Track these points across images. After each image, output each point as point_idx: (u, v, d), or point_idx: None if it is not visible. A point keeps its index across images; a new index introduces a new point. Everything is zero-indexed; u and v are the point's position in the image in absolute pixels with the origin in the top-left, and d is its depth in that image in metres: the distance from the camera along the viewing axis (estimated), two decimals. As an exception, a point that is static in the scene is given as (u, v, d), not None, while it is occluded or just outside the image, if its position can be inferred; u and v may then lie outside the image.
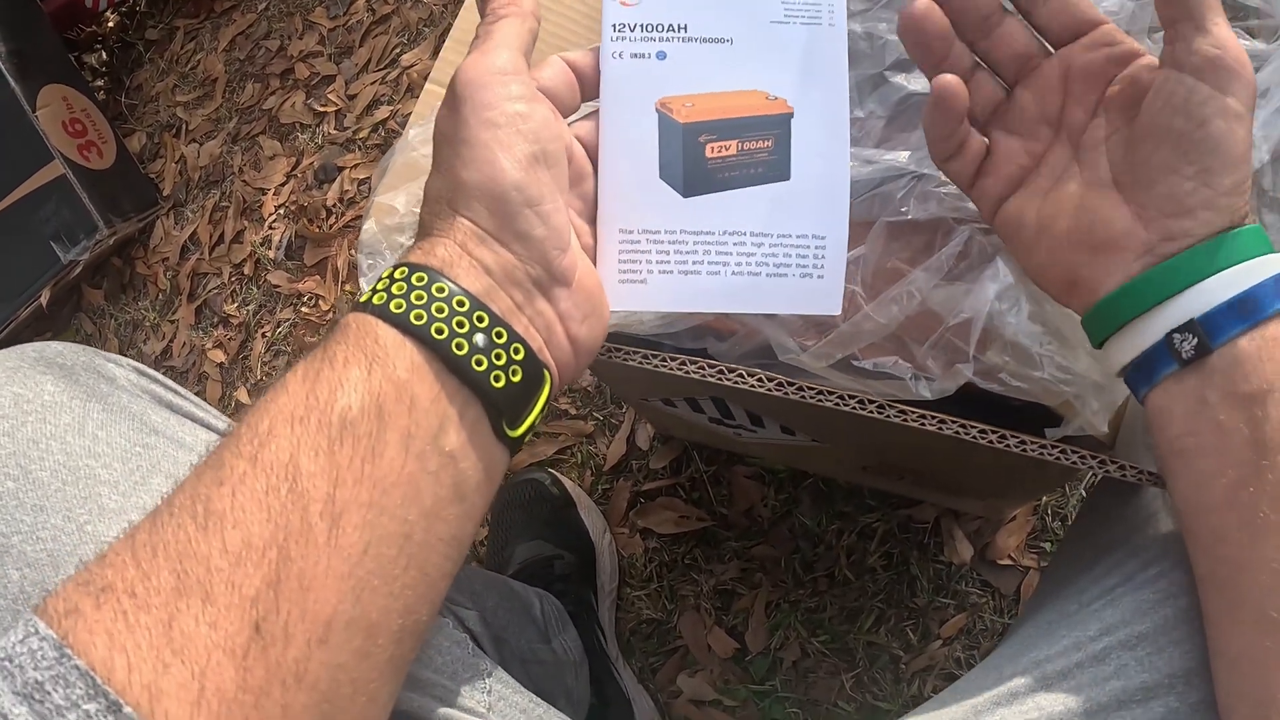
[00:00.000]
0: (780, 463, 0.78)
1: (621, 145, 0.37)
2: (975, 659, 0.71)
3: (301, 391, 0.28)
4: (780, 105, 0.38)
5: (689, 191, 0.38)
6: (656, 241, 0.38)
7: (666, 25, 0.38)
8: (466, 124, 0.31)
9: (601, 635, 0.75)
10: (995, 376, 0.42)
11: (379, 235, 0.51)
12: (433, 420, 0.29)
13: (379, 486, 0.27)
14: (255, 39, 1.20)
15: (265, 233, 1.09)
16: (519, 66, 0.33)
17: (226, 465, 0.27)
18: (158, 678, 0.23)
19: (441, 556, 0.30)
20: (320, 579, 0.26)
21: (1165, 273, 0.31)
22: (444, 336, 0.29)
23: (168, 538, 0.25)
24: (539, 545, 0.77)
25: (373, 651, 0.28)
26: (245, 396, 1.02)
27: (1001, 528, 0.73)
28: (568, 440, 0.85)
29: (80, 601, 0.24)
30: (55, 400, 0.34)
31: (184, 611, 0.24)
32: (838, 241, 0.39)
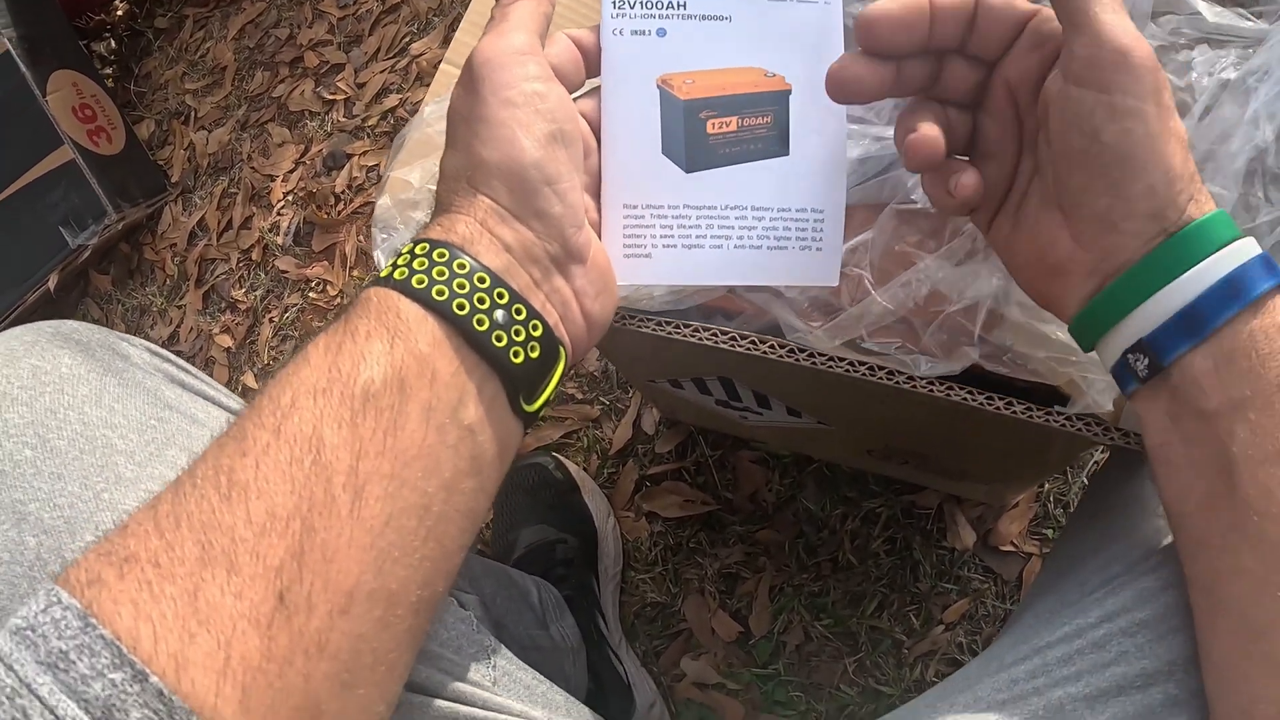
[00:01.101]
0: (785, 448, 0.78)
1: (624, 121, 0.38)
2: (977, 644, 0.71)
3: (324, 364, 0.28)
4: (778, 82, 0.39)
5: (691, 167, 0.39)
6: (660, 216, 0.38)
7: (666, 2, 0.38)
8: (485, 103, 0.32)
9: (602, 620, 0.75)
10: (1000, 358, 0.42)
11: (393, 210, 0.51)
12: (453, 394, 0.29)
13: (400, 459, 0.28)
14: (265, 27, 1.21)
15: (274, 219, 1.09)
16: (535, 47, 0.33)
17: (249, 437, 0.27)
18: (184, 647, 0.23)
19: (458, 529, 0.30)
20: (343, 550, 0.26)
21: (1109, 297, 0.31)
22: (465, 312, 0.29)
23: (191, 508, 0.25)
24: (542, 530, 0.77)
25: (392, 622, 0.28)
26: (253, 381, 1.02)
27: (1004, 514, 0.74)
28: (574, 425, 0.85)
29: (103, 571, 0.24)
30: (72, 373, 0.34)
31: (209, 581, 0.24)
32: (835, 215, 0.39)
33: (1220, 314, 0.29)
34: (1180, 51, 0.40)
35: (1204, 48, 0.40)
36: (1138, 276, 0.30)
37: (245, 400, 0.40)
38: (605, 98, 0.38)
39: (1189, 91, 0.38)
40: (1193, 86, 0.38)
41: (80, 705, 0.22)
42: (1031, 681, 0.34)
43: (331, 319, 0.97)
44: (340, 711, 0.26)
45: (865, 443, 0.65)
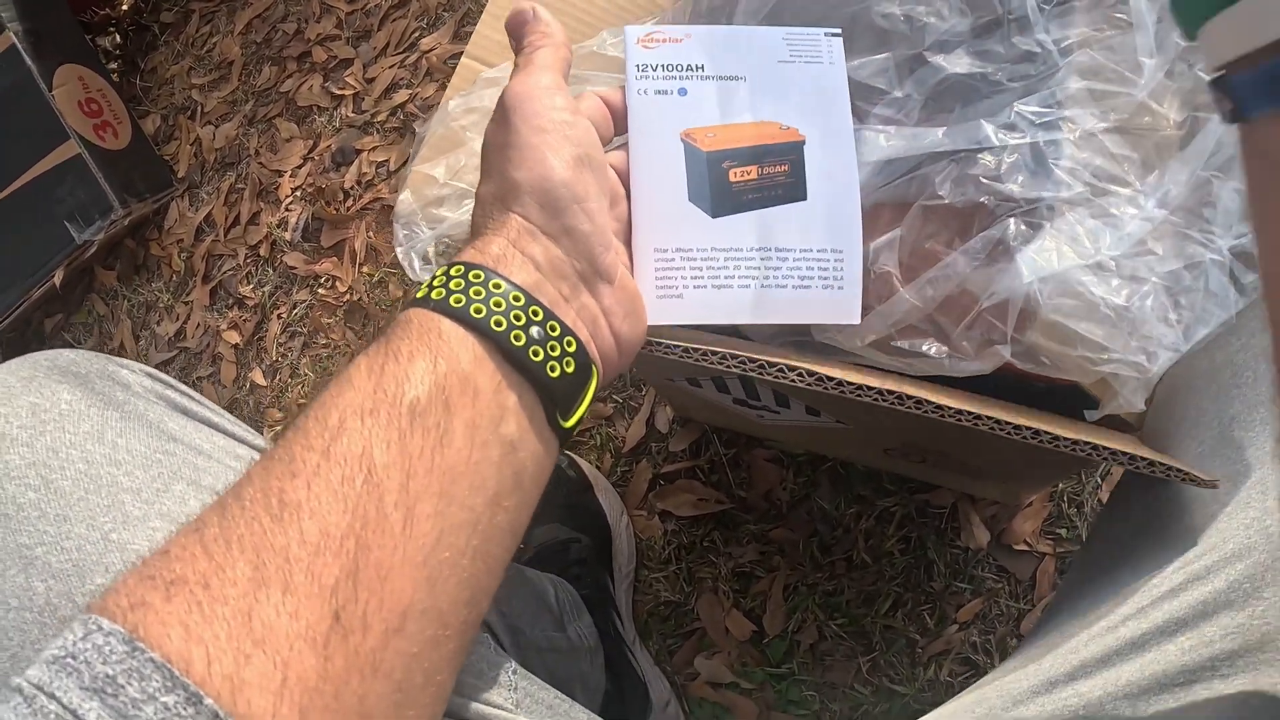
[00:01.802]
0: (800, 446, 0.78)
1: (651, 172, 0.41)
2: (991, 644, 0.71)
3: (369, 385, 0.28)
4: (793, 134, 0.42)
5: (717, 212, 0.41)
6: (690, 259, 0.40)
7: (685, 65, 0.42)
8: (517, 131, 0.34)
9: (618, 619, 0.75)
10: (1034, 356, 0.42)
11: (415, 206, 0.51)
12: (495, 410, 0.30)
13: (448, 475, 0.28)
14: (272, 22, 1.20)
15: (281, 215, 1.09)
16: (561, 85, 0.36)
17: (298, 459, 0.27)
18: (239, 668, 0.23)
19: (501, 547, 0.31)
20: (397, 568, 0.26)
21: None
22: (503, 329, 0.30)
23: (241, 530, 0.25)
24: (555, 529, 0.77)
25: (442, 641, 0.28)
26: (260, 378, 1.02)
27: (1018, 513, 0.74)
28: (587, 423, 0.85)
29: (147, 594, 0.24)
30: (73, 409, 0.33)
31: (264, 602, 0.24)
32: (853, 254, 0.41)
33: None
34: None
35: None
36: None
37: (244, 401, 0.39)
38: (633, 151, 0.41)
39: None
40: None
41: None
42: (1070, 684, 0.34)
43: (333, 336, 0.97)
44: None
45: (884, 440, 0.65)
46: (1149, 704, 0.32)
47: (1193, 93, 0.42)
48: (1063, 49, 0.43)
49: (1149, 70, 0.40)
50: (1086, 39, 0.42)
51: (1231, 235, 0.41)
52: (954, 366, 0.42)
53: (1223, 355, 0.42)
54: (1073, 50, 0.43)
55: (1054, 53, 0.44)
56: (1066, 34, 0.43)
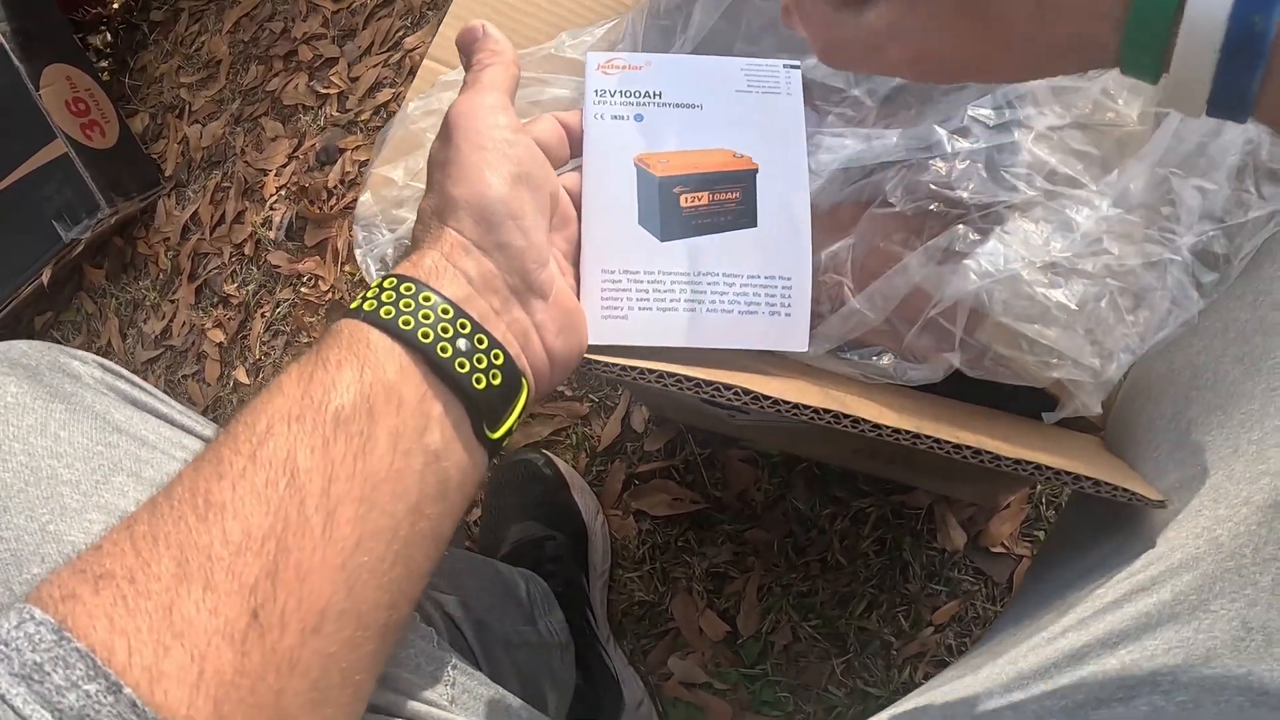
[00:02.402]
0: (773, 446, 0.78)
1: (603, 195, 0.41)
2: (967, 646, 0.71)
3: (297, 392, 0.29)
4: (746, 162, 0.42)
5: (666, 236, 0.41)
6: (636, 281, 0.41)
7: (643, 92, 0.43)
8: (458, 148, 0.35)
9: (592, 617, 0.75)
10: (982, 363, 0.42)
11: (375, 208, 0.51)
12: (419, 419, 0.30)
13: (370, 482, 0.29)
14: (259, 21, 1.21)
15: (266, 213, 1.09)
16: (505, 105, 0.37)
17: (225, 461, 0.28)
18: (158, 660, 0.24)
19: (423, 554, 0.31)
20: (316, 570, 0.27)
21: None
22: (430, 341, 0.31)
23: (168, 528, 0.26)
24: (531, 526, 0.77)
25: (361, 642, 0.29)
26: (244, 376, 1.02)
27: (995, 515, 0.73)
28: (563, 422, 0.85)
29: (78, 587, 0.25)
30: (18, 402, 0.34)
31: (184, 597, 0.25)
32: (802, 282, 0.42)
33: None
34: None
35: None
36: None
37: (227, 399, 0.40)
38: (586, 174, 0.41)
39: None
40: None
41: (54, 715, 0.22)
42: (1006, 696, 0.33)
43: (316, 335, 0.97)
44: None
45: (849, 441, 0.64)
46: (1086, 718, 0.31)
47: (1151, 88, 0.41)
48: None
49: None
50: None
51: (1192, 234, 0.41)
52: (904, 375, 0.41)
53: (1183, 357, 0.42)
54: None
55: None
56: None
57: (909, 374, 0.41)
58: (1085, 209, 0.41)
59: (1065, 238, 0.40)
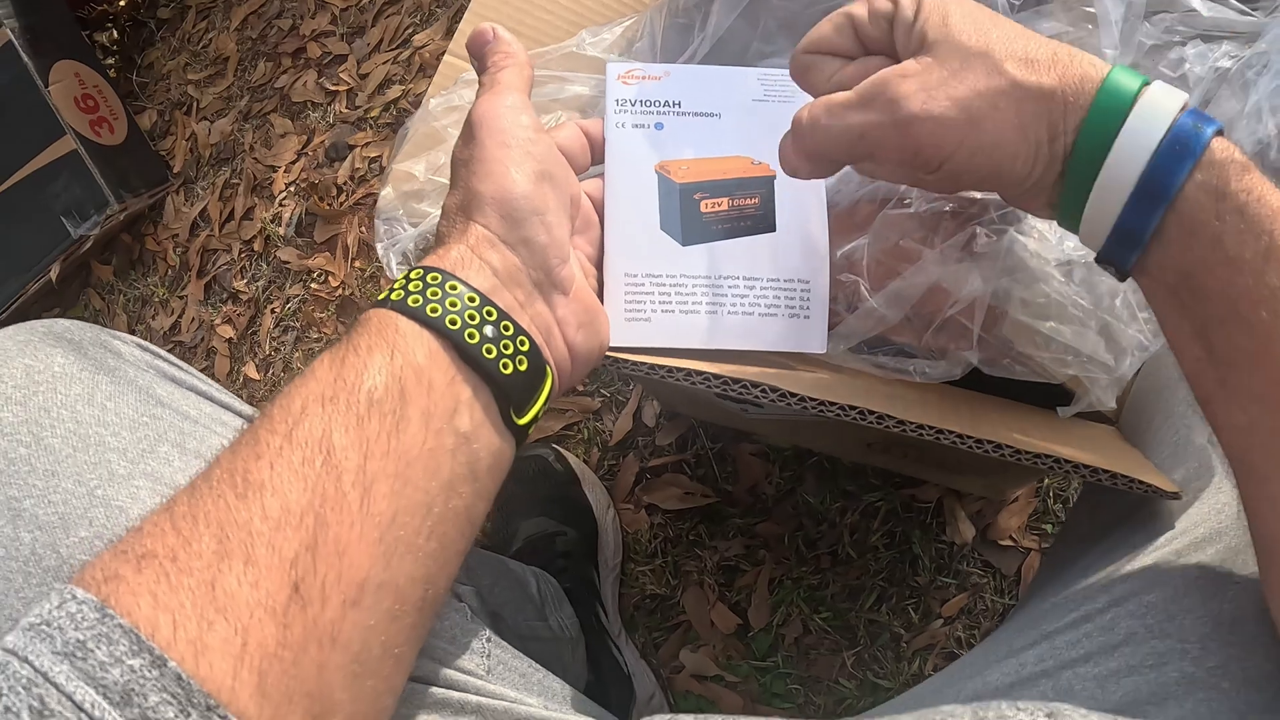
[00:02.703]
0: (785, 440, 0.79)
1: (625, 201, 0.42)
2: (976, 638, 0.71)
3: (330, 376, 0.30)
4: (764, 169, 0.43)
5: (687, 240, 0.42)
6: (659, 284, 0.42)
7: (663, 101, 0.44)
8: (483, 146, 0.36)
9: (603, 612, 0.75)
10: (1000, 361, 0.42)
11: (396, 201, 0.51)
12: (449, 401, 0.31)
13: (403, 459, 0.29)
14: (267, 18, 1.21)
15: (275, 210, 1.09)
16: (526, 105, 0.38)
17: (263, 441, 0.28)
18: (202, 634, 0.24)
19: (456, 531, 0.32)
20: (354, 544, 0.28)
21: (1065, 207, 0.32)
22: (457, 327, 0.32)
23: (208, 507, 0.27)
24: (542, 522, 0.77)
25: (399, 615, 0.29)
26: (254, 372, 1.02)
27: (1003, 508, 0.74)
28: (574, 416, 0.85)
29: (120, 568, 0.25)
30: (65, 372, 0.35)
31: (226, 573, 0.25)
32: (820, 285, 0.42)
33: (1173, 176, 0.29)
34: (1174, 49, 0.40)
35: (1197, 42, 0.40)
36: (1070, 193, 0.31)
37: (237, 394, 0.40)
38: (609, 180, 0.42)
39: (1182, 82, 0.38)
40: (1186, 78, 0.38)
41: (99, 691, 0.23)
42: (1039, 665, 0.34)
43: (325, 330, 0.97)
44: (351, 701, 0.28)
45: (865, 436, 0.65)
46: (1119, 685, 0.32)
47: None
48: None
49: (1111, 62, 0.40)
50: (1056, 35, 0.42)
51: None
52: (922, 372, 0.42)
53: None
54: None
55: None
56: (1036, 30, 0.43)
57: (927, 371, 0.42)
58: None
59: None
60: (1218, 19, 0.38)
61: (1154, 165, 0.29)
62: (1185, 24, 0.40)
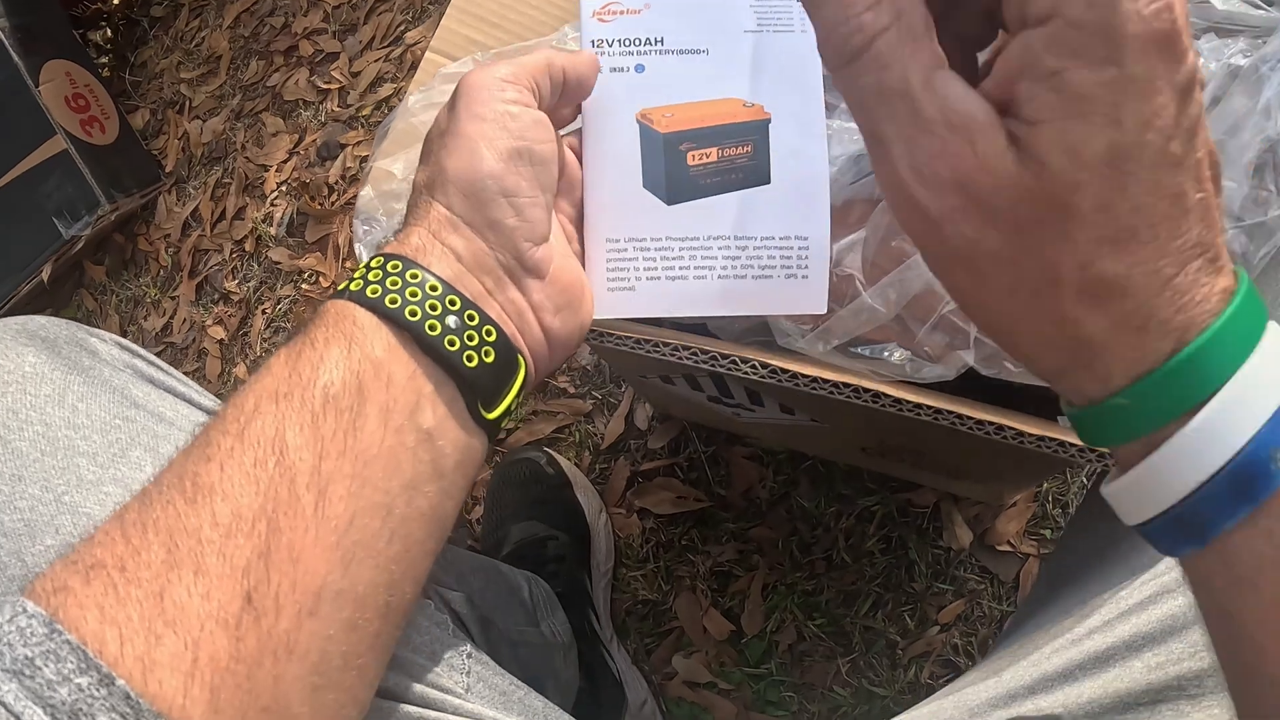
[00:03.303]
0: (779, 444, 0.77)
1: (605, 156, 0.39)
2: (973, 645, 0.70)
3: (285, 371, 0.29)
4: (757, 111, 0.39)
5: (672, 199, 0.39)
6: (643, 249, 0.39)
7: (644, 39, 0.39)
8: (458, 118, 0.33)
9: (594, 617, 0.74)
10: (997, 361, 0.41)
11: (375, 201, 0.50)
12: (409, 396, 0.30)
13: (361, 459, 0.28)
14: (260, 15, 1.20)
15: (267, 209, 1.08)
16: (519, 79, 0.34)
17: (214, 442, 0.27)
18: (150, 649, 0.23)
19: (423, 532, 0.30)
20: (309, 549, 0.26)
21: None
22: (417, 318, 0.30)
23: (157, 514, 0.26)
24: (533, 525, 0.76)
25: (360, 624, 0.28)
26: (244, 373, 1.01)
27: (1001, 513, 0.72)
28: (565, 419, 0.84)
29: (69, 579, 0.24)
30: (36, 371, 0.34)
31: (175, 583, 0.24)
32: (820, 240, 0.39)
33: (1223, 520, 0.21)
34: (1186, 43, 0.39)
35: (1210, 36, 0.39)
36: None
37: (219, 396, 0.39)
38: (586, 134, 0.39)
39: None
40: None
41: (46, 711, 0.22)
42: (1030, 698, 0.33)
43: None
44: (310, 714, 0.26)
45: (860, 440, 0.64)
46: None
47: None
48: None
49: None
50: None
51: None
52: (917, 372, 0.41)
53: None
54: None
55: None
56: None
57: (922, 371, 0.40)
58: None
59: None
60: (1232, 12, 0.37)
61: (1196, 501, 0.21)
62: (1199, 16, 0.39)
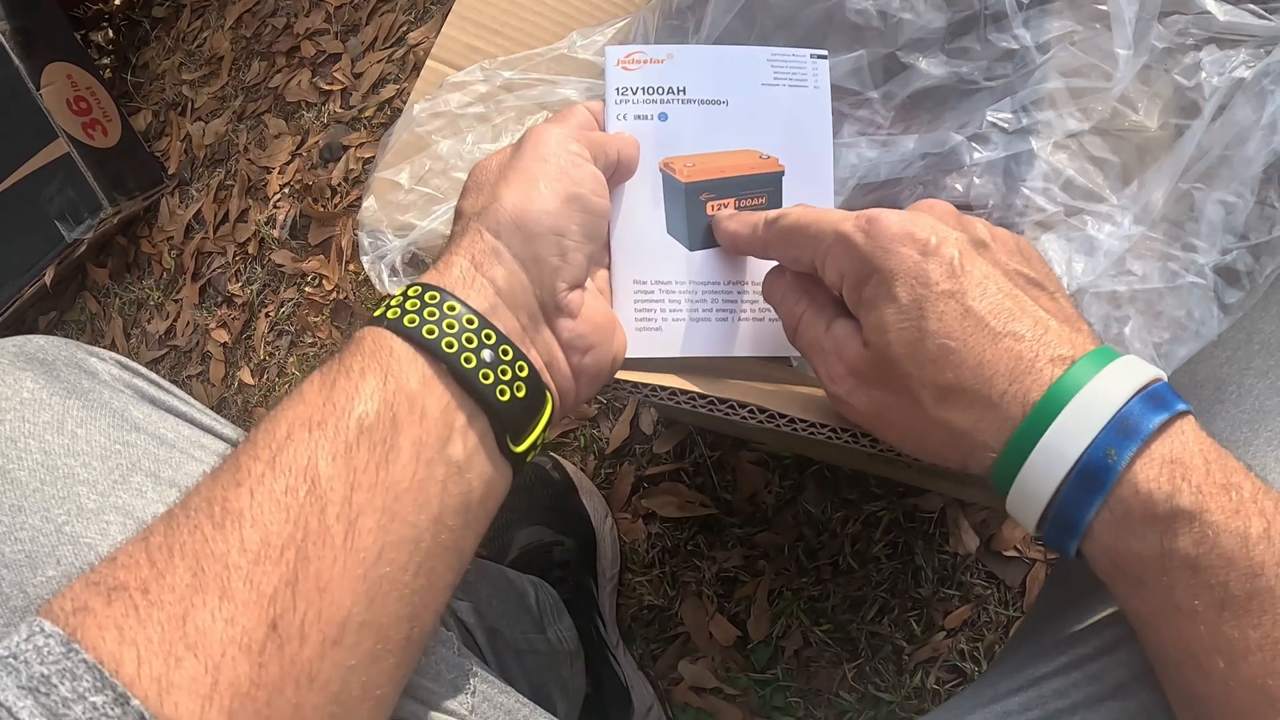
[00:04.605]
0: (785, 449, 0.77)
1: (630, 202, 0.40)
2: (979, 651, 0.70)
3: (319, 399, 0.29)
4: (772, 164, 0.41)
5: (694, 245, 0.41)
6: (669, 291, 0.41)
7: (667, 88, 0.41)
8: (522, 156, 0.35)
9: (601, 622, 0.74)
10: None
11: (379, 213, 0.50)
12: (442, 429, 0.30)
13: (392, 492, 0.28)
14: (262, 16, 1.19)
15: (270, 212, 1.08)
16: (583, 139, 0.36)
17: (244, 468, 0.27)
18: (169, 671, 0.23)
19: (445, 566, 0.31)
20: (337, 580, 0.26)
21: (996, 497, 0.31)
22: (454, 350, 0.30)
23: (184, 538, 0.26)
24: (539, 531, 0.76)
25: (382, 655, 0.28)
26: (248, 377, 1.01)
27: (1008, 519, 0.72)
28: (571, 424, 0.84)
29: (90, 600, 0.24)
30: (34, 398, 0.33)
31: (199, 607, 0.24)
32: None
33: (1089, 505, 0.28)
34: (1188, 54, 0.38)
35: (1212, 48, 0.38)
36: (999, 475, 0.30)
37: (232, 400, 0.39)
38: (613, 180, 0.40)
39: (1198, 91, 0.36)
40: (1202, 86, 0.36)
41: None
42: (1025, 714, 0.32)
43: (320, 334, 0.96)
44: None
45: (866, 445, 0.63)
46: None
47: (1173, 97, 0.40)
48: (1040, 45, 0.42)
49: (1123, 62, 0.38)
50: (1066, 34, 0.40)
51: (1216, 251, 0.40)
52: None
53: (1205, 370, 0.40)
54: (1051, 47, 0.41)
55: (1032, 49, 0.42)
56: (1045, 29, 0.41)
57: None
58: (1107, 225, 0.40)
59: (1088, 259, 0.39)
60: (1233, 23, 0.36)
61: (1061, 502, 0.28)
62: (1199, 26, 0.39)
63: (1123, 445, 0.27)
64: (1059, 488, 0.28)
